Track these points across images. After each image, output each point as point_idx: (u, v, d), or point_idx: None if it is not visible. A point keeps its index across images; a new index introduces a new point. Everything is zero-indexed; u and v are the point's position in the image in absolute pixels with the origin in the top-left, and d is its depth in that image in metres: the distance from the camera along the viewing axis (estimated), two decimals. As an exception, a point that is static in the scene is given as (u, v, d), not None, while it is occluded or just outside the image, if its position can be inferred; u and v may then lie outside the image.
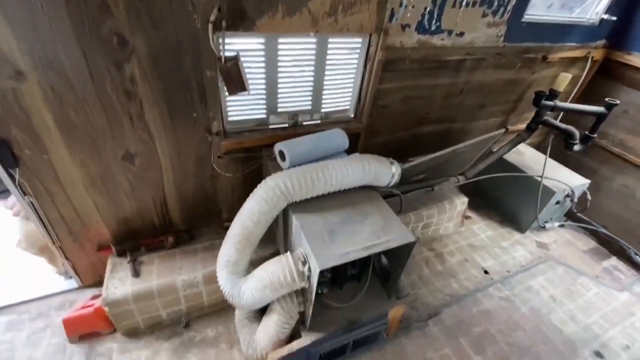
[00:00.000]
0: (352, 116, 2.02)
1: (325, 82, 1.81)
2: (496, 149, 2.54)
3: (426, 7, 1.71)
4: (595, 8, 2.37)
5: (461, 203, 2.54)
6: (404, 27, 1.73)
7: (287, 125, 1.86)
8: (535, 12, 2.12)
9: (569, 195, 2.60)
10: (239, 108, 1.70)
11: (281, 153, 1.58)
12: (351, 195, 1.57)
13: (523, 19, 2.07)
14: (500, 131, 2.10)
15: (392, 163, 1.62)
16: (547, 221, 2.79)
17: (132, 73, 1.33)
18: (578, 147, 2.38)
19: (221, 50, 1.39)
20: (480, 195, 2.99)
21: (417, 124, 2.32)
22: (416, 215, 2.34)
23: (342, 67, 1.81)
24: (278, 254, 1.46)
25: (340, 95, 1.92)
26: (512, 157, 2.78)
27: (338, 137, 1.70)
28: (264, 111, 1.77)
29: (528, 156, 2.85)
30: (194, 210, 1.91)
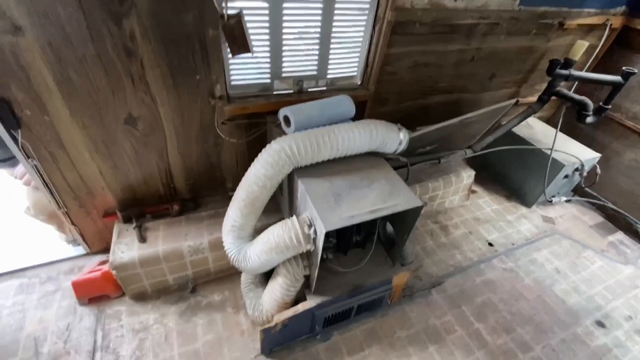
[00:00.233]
0: (359, 83, 1.96)
1: (331, 46, 1.74)
2: (505, 122, 2.48)
3: (439, -36, 1.62)
4: (617, -30, 2.23)
5: (468, 176, 2.50)
6: (415, -14, 1.65)
7: (292, 91, 1.81)
8: (554, -27, 2.01)
9: (578, 169, 2.55)
10: (242, 72, 1.65)
11: (286, 118, 1.54)
12: (357, 161, 1.54)
13: (541, -20, 1.97)
14: (511, 101, 2.04)
15: (400, 129, 1.58)
16: (554, 196, 2.76)
17: (132, 30, 1.28)
18: (591, 119, 2.31)
19: (224, 7, 1.33)
20: (486, 169, 2.96)
21: (426, 94, 2.25)
22: (422, 187, 2.32)
23: (350, 30, 1.74)
24: (283, 221, 1.46)
25: (347, 60, 1.85)
26: (522, 131, 2.72)
27: (345, 104, 1.65)
28: (268, 76, 1.72)
29: (538, 130, 2.79)
30: (199, 179, 1.90)
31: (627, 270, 2.33)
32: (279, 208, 1.89)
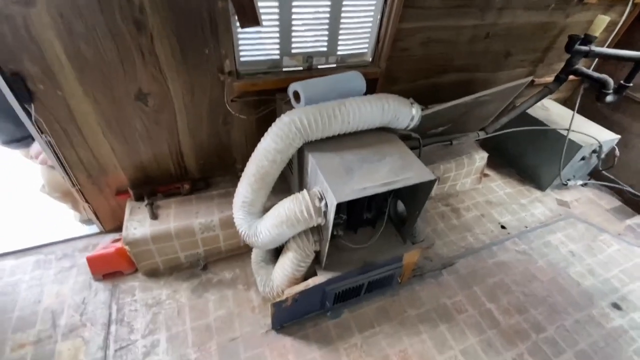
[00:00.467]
0: (370, 60, 1.92)
1: (342, 21, 1.70)
2: (519, 104, 2.41)
3: None
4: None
5: (480, 158, 2.45)
6: (429, -44, 1.59)
7: (302, 68, 1.78)
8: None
9: (596, 150, 2.47)
10: (252, 47, 1.63)
11: (296, 94, 1.52)
12: (369, 136, 1.52)
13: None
14: (527, 79, 1.97)
15: (413, 104, 1.54)
16: (570, 179, 2.69)
17: (142, 1, 1.27)
18: (611, 98, 2.23)
19: (233, -23, 1.30)
20: (499, 153, 2.89)
21: (439, 72, 2.19)
22: (433, 169, 2.28)
23: (361, 3, 1.69)
24: (294, 196, 1.45)
25: (358, 35, 1.81)
26: (537, 112, 2.65)
27: (356, 80, 1.61)
28: (277, 52, 1.69)
29: (554, 112, 2.71)
30: (209, 158, 1.90)
31: (645, 253, 2.27)
32: (289, 188, 1.89)
